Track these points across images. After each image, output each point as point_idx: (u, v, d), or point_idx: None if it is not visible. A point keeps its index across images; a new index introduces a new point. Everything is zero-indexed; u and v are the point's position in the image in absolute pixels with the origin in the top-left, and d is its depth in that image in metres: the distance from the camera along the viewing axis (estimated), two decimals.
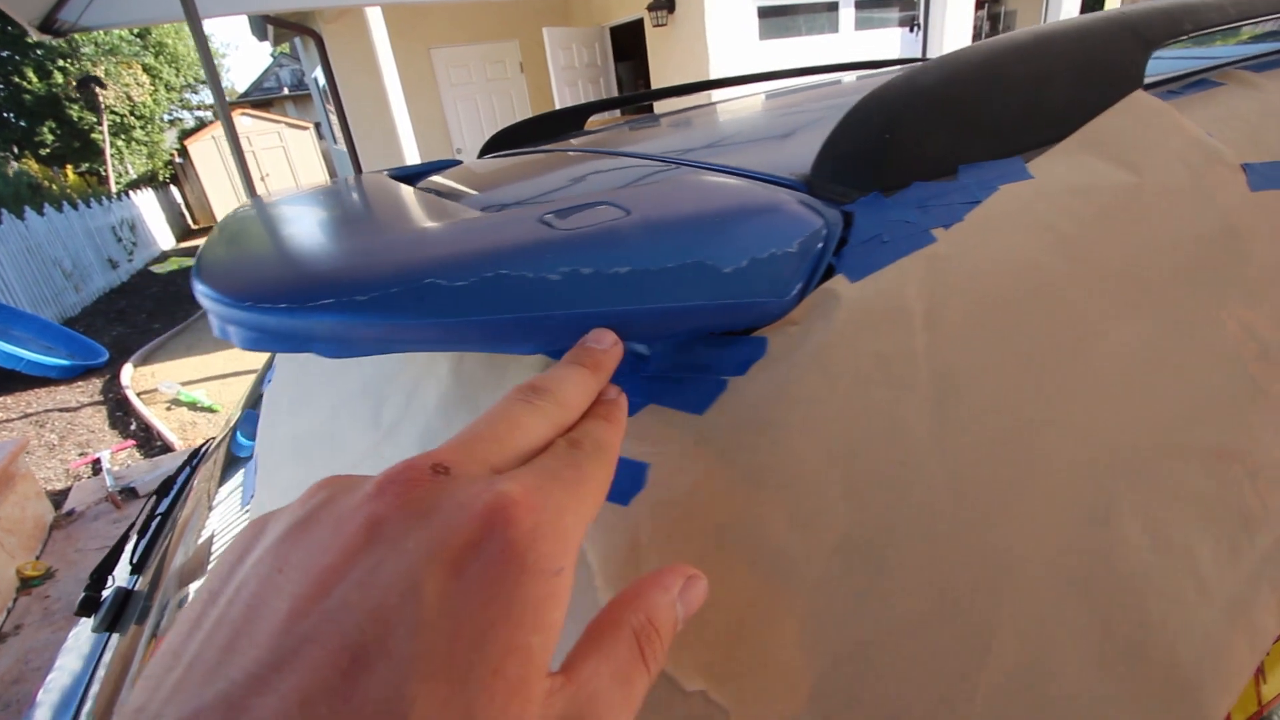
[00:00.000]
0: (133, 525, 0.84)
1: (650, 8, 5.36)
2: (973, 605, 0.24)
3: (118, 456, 3.46)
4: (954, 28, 6.03)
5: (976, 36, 6.77)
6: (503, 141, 1.11)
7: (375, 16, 4.47)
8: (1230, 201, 0.35)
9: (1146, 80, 0.44)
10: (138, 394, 4.29)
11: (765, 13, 5.35)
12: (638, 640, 0.17)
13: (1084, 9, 7.17)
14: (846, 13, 5.73)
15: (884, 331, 0.27)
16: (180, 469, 0.98)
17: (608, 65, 6.21)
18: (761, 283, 0.27)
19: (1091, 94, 0.37)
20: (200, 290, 0.26)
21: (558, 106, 6.14)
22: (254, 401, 0.87)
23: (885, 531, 0.25)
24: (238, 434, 0.80)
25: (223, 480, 0.73)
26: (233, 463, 0.75)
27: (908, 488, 0.25)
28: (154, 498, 0.89)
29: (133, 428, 3.87)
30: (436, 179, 0.67)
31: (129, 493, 2.69)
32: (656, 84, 6.09)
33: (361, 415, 0.40)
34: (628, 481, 0.26)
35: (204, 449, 1.02)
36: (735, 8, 5.11)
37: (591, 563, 0.25)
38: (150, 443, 3.65)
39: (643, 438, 0.26)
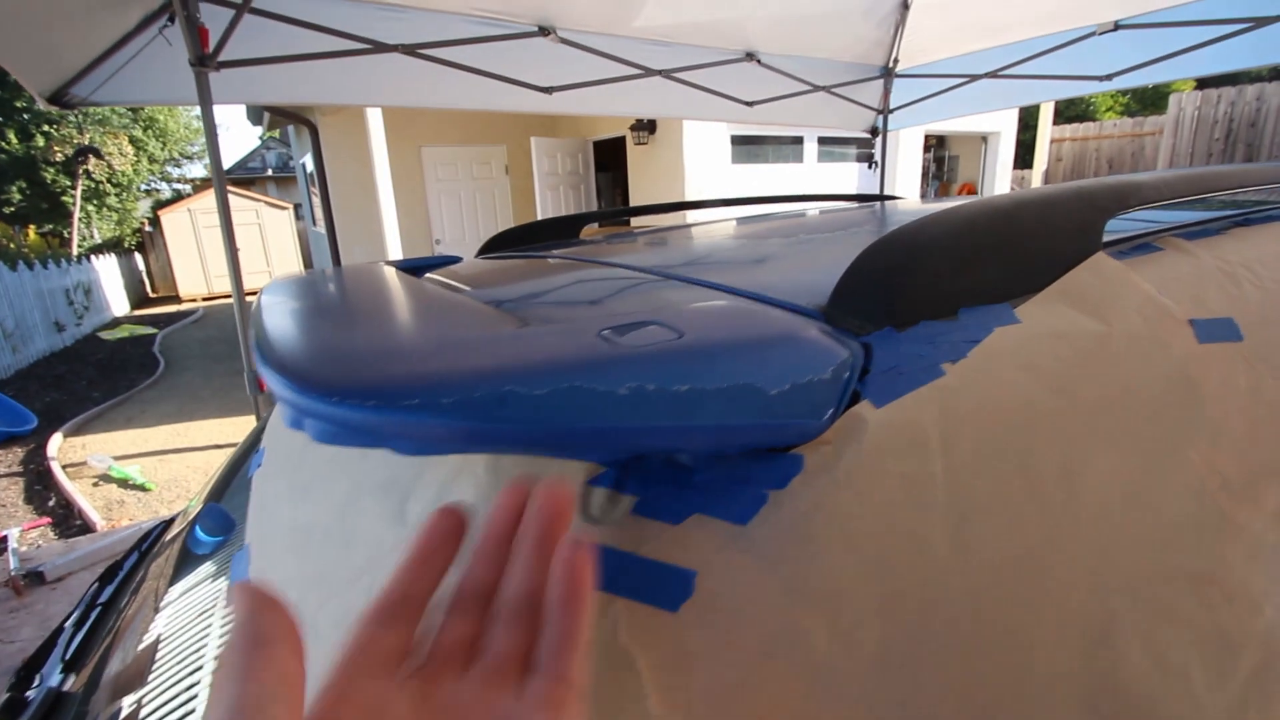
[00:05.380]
0: (69, 616, 0.77)
1: (633, 128, 5.81)
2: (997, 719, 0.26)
3: (28, 535, 3.15)
4: (905, 167, 6.72)
5: (924, 175, 7.51)
6: (502, 242, 1.17)
7: (374, 115, 4.73)
8: (1183, 352, 0.40)
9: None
10: (63, 466, 3.99)
11: (738, 140, 5.88)
12: None
13: (1016, 160, 8.08)
14: (810, 146, 6.35)
15: (907, 455, 0.30)
16: (128, 554, 0.91)
17: (589, 174, 6.62)
18: (801, 405, 0.30)
19: (1062, 252, 0.42)
20: (277, 382, 0.27)
21: (539, 208, 6.32)
22: (218, 493, 0.82)
23: (917, 645, 0.26)
24: (196, 529, 0.75)
25: (175, 578, 0.68)
26: (187, 560, 0.70)
27: (934, 604, 0.27)
28: (97, 585, 0.82)
29: (51, 504, 3.57)
30: (469, 274, 0.70)
31: (34, 577, 2.39)
32: (634, 194, 6.48)
33: (383, 509, 0.40)
34: (677, 588, 0.27)
35: (155, 533, 0.96)
36: (711, 133, 5.59)
37: (641, 670, 0.25)
38: (69, 521, 3.36)
39: (689, 546, 0.28)
